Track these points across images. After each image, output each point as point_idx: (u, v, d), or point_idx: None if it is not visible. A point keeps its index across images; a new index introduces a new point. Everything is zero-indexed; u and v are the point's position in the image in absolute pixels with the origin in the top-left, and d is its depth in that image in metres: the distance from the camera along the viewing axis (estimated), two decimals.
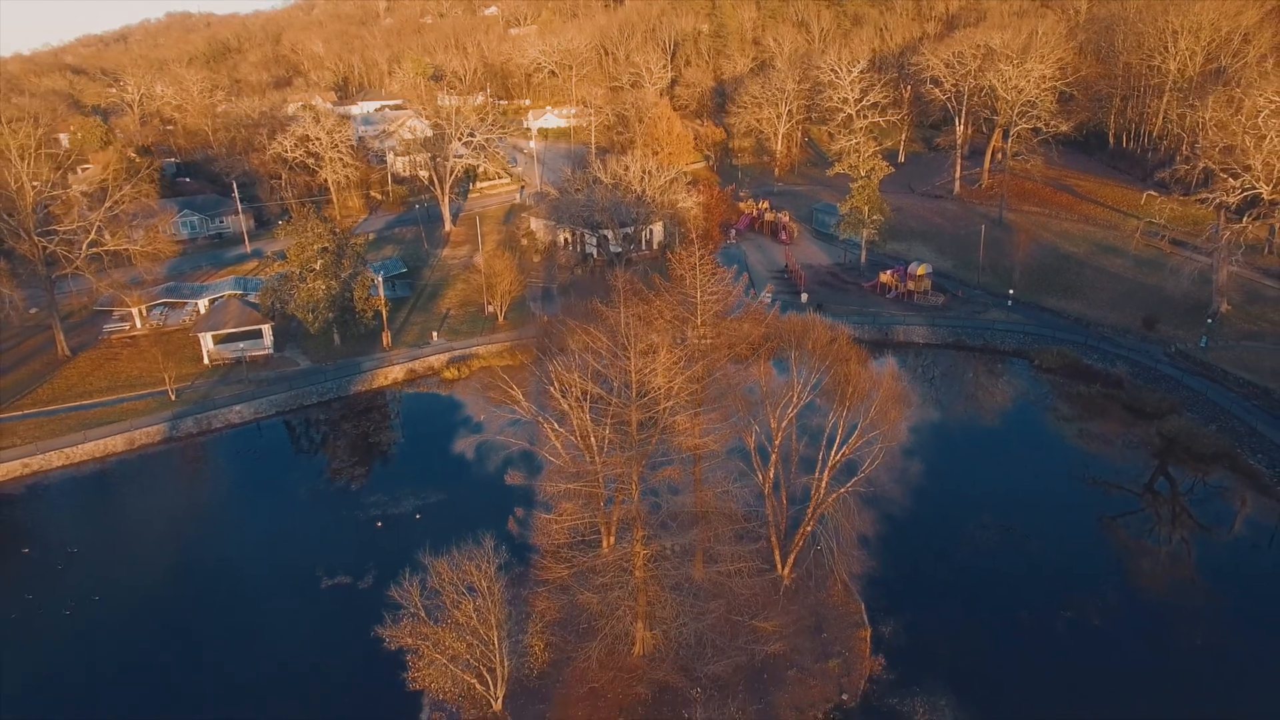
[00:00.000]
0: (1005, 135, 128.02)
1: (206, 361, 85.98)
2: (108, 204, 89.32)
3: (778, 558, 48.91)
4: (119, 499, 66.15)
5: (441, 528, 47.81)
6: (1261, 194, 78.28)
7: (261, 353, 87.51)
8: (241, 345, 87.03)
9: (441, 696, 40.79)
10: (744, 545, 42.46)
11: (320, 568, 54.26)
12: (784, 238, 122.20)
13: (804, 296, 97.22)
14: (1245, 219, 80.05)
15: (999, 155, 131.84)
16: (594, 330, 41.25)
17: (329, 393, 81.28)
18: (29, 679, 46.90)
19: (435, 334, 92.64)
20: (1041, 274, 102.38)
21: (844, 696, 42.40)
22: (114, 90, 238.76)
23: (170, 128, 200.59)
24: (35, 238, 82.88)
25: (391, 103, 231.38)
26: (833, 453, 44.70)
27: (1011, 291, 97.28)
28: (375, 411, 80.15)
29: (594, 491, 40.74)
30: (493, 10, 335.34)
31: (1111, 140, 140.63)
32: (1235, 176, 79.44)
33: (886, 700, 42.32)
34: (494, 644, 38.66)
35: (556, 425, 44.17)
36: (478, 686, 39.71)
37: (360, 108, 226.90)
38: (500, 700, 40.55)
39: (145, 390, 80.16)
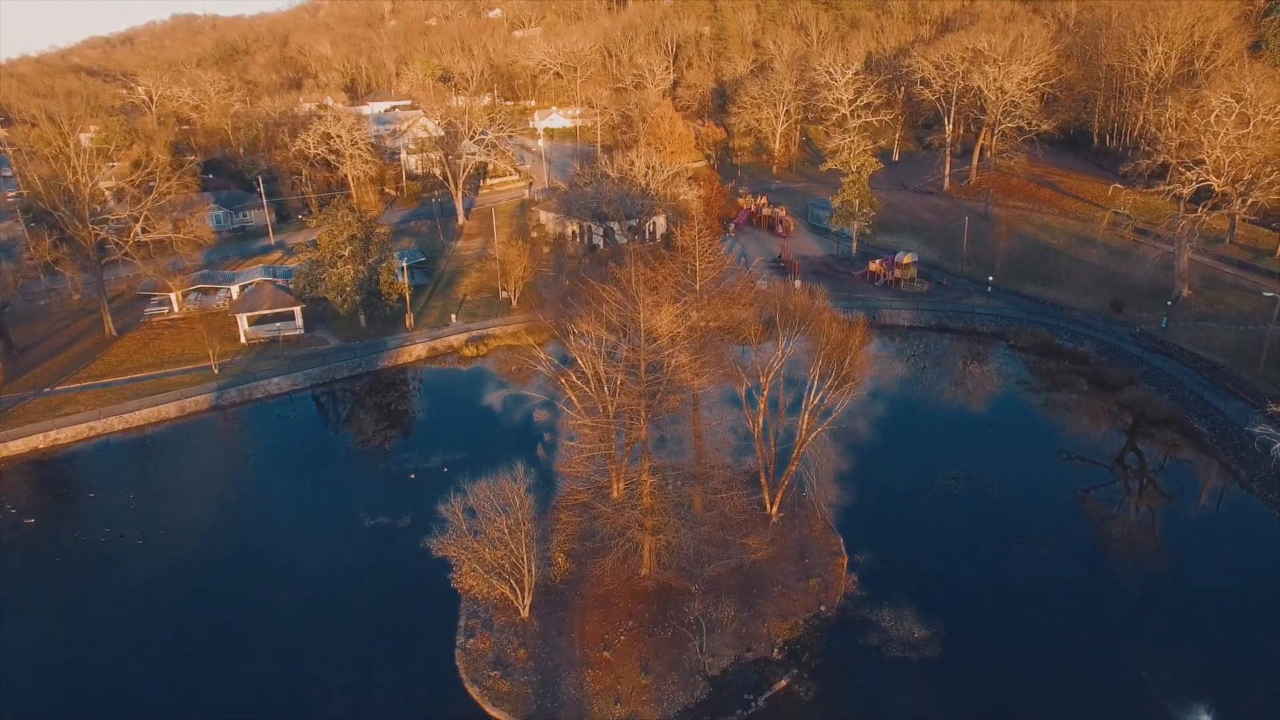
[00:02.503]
0: (993, 134, 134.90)
1: (243, 340, 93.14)
2: (154, 195, 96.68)
3: (766, 497, 55.87)
4: (175, 456, 73.18)
5: (467, 479, 54.35)
6: (1213, 186, 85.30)
7: (294, 333, 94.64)
8: (277, 325, 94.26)
9: (475, 606, 47.84)
10: (733, 470, 49.25)
11: (362, 510, 61.33)
12: (780, 231, 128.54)
13: (797, 283, 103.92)
14: (1200, 208, 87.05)
15: (987, 153, 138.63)
16: (608, 287, 48.23)
17: (358, 368, 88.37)
18: (128, 584, 55.27)
19: (454, 316, 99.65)
20: (1022, 263, 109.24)
21: (822, 608, 49.38)
22: (125, 92, 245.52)
23: (187, 127, 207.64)
24: (89, 226, 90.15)
25: (402, 103, 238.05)
26: (812, 395, 51.73)
27: (992, 279, 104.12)
28: (401, 384, 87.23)
29: (607, 427, 47.71)
30: (496, 13, 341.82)
31: (1095, 139, 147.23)
32: (1190, 169, 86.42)
33: (859, 611, 49.36)
34: (522, 555, 45.59)
35: (574, 378, 51.03)
36: (509, 595, 46.65)
37: (371, 108, 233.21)
38: (527, 608, 47.48)
39: (188, 366, 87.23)
